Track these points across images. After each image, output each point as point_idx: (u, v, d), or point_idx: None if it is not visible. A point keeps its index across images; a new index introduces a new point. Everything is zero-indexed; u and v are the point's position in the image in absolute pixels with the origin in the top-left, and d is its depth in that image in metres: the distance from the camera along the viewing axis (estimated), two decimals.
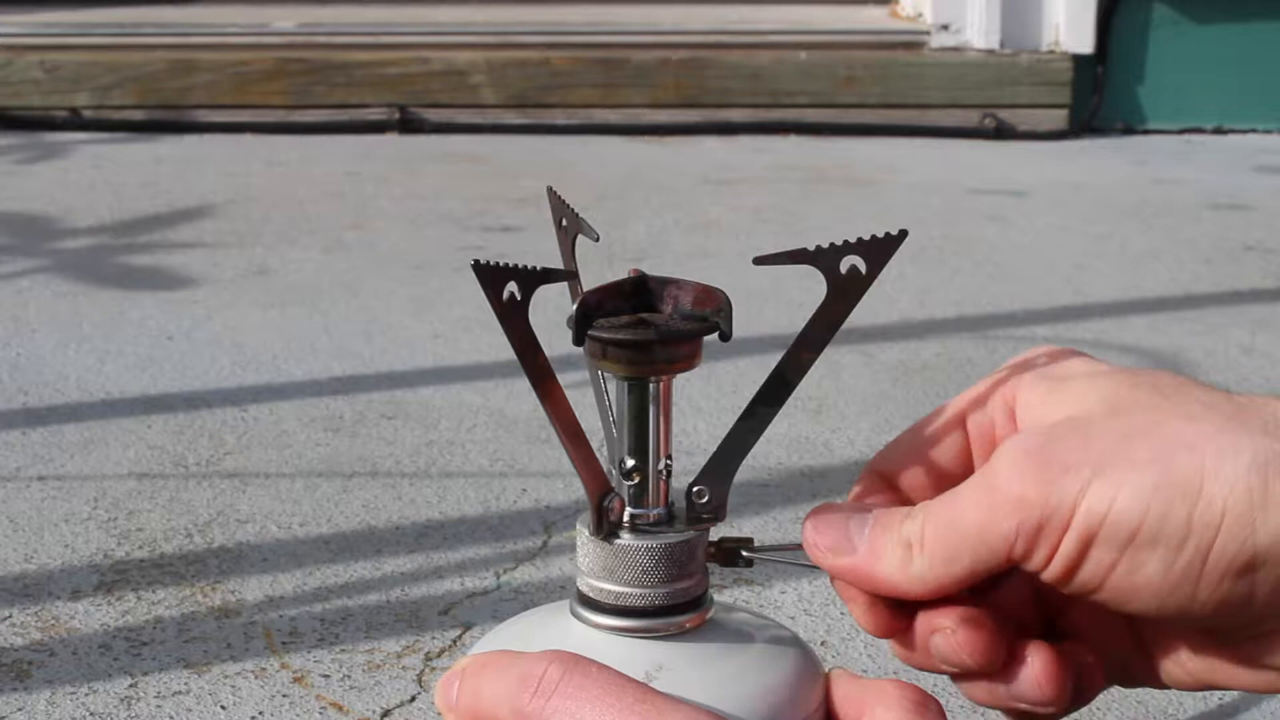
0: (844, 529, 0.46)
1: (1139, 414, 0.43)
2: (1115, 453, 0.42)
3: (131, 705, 1.25)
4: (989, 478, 0.44)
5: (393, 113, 4.04)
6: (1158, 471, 0.41)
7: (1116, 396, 0.44)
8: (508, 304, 0.43)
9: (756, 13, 4.45)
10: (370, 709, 1.25)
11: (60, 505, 1.64)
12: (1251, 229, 3.07)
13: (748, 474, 1.69)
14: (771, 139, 4.04)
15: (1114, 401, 0.44)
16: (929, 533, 0.45)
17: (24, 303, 2.41)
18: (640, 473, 0.47)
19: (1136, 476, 0.41)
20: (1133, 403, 0.43)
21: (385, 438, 1.85)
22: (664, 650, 0.45)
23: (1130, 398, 0.44)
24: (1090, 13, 4.17)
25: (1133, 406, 0.43)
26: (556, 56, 4.13)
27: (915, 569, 0.45)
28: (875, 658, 1.35)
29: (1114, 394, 0.44)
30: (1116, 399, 0.44)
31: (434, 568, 1.51)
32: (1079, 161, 3.87)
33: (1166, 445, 0.42)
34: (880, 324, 2.32)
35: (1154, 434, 0.42)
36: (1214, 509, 0.41)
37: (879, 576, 0.45)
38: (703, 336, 0.46)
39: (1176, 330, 2.34)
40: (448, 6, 4.53)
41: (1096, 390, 0.44)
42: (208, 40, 4.19)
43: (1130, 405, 0.43)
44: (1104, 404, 0.44)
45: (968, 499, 0.44)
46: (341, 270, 2.63)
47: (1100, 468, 0.42)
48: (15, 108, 4.01)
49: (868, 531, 0.46)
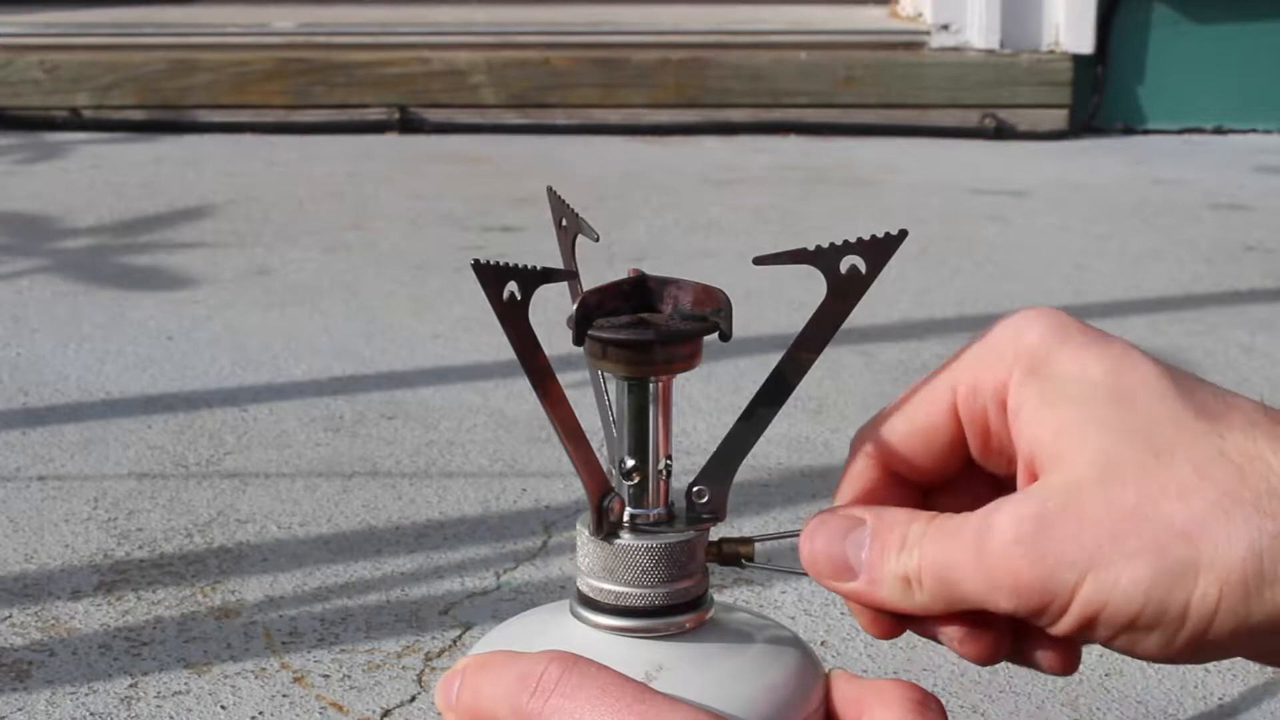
0: (840, 552, 0.46)
1: (1130, 485, 0.41)
2: (1110, 544, 0.41)
3: (131, 705, 1.25)
4: (983, 555, 0.43)
5: (393, 113, 4.04)
6: (1153, 563, 0.41)
7: (1107, 448, 0.42)
8: (508, 304, 0.43)
9: (756, 13, 4.45)
10: (370, 709, 1.25)
11: (60, 505, 1.64)
12: (1251, 229, 3.07)
13: (748, 474, 1.69)
14: (771, 139, 4.04)
15: (1105, 459, 0.42)
16: (926, 577, 0.44)
17: (24, 303, 2.41)
18: (640, 473, 0.47)
19: (1131, 570, 0.41)
20: (1123, 463, 0.42)
21: (385, 438, 1.85)
22: (664, 650, 0.45)
23: (1121, 455, 0.42)
24: (1090, 13, 4.17)
25: (1123, 470, 0.42)
26: (556, 56, 4.13)
27: (917, 600, 0.45)
28: (875, 658, 1.35)
29: (1105, 441, 0.42)
30: (1107, 454, 0.42)
31: (434, 568, 1.51)
32: (1079, 161, 3.87)
33: (1160, 534, 0.41)
34: (880, 324, 2.32)
35: (1147, 519, 0.41)
36: (1210, 597, 0.41)
37: (880, 601, 0.46)
38: (703, 336, 0.46)
39: (1176, 330, 2.34)
40: (448, 6, 4.53)
41: (1087, 422, 0.43)
42: (208, 40, 4.19)
43: (1120, 468, 0.42)
44: (1094, 463, 0.42)
45: (963, 564, 0.43)
46: (341, 270, 2.63)
47: (1094, 562, 0.41)
48: (15, 108, 4.01)
49: (865, 555, 0.46)
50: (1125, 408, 0.43)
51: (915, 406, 0.47)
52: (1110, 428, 0.42)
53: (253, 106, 4.04)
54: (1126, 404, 0.43)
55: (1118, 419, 0.43)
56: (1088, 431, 0.43)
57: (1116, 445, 0.42)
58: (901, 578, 0.45)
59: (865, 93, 4.13)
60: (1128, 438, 0.42)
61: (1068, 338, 0.45)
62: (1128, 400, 0.43)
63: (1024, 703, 1.28)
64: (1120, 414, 0.43)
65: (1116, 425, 0.42)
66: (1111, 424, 0.43)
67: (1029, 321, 0.46)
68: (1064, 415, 0.43)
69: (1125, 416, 0.43)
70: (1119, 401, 0.43)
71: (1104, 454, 0.42)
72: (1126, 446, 0.42)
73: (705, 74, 4.13)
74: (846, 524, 0.46)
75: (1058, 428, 0.43)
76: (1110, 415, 0.43)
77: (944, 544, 0.44)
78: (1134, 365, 0.44)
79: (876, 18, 4.47)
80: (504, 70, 4.10)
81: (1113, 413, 0.43)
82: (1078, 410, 0.43)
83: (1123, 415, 0.43)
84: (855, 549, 0.46)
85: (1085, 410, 0.43)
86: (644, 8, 4.52)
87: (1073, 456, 0.43)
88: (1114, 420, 0.43)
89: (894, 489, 0.48)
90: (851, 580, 0.46)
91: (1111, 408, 0.43)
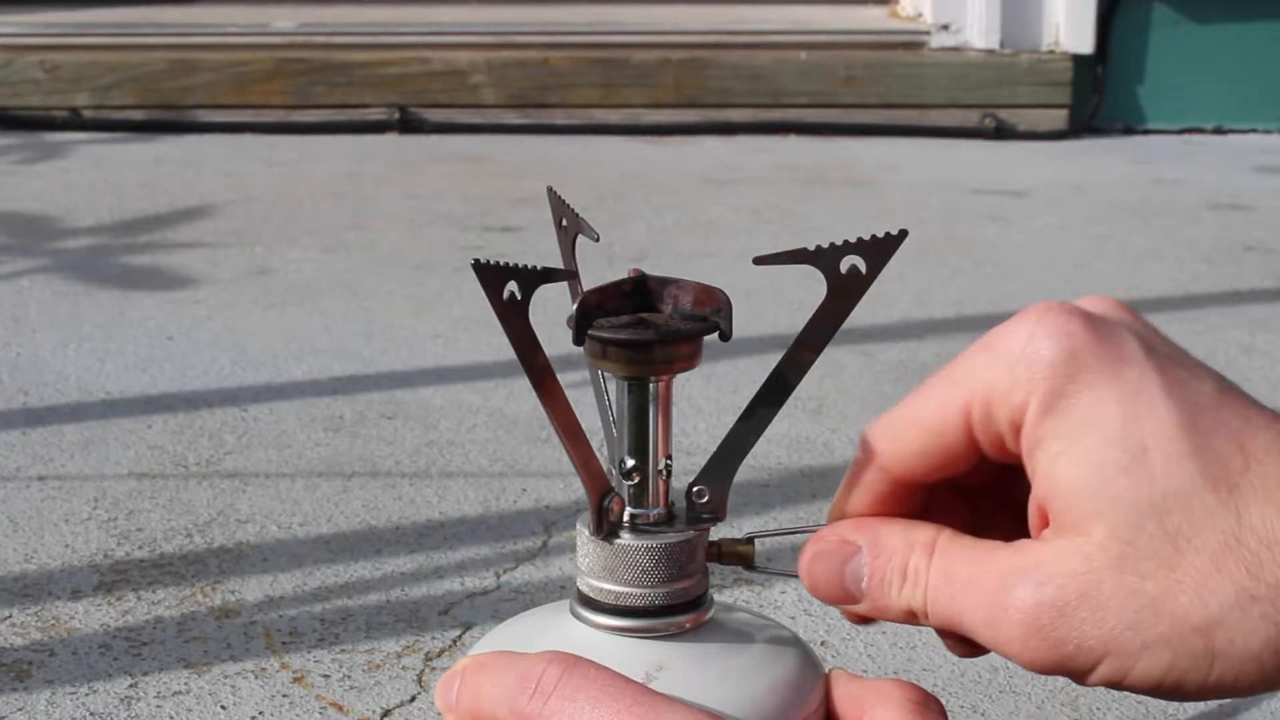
0: (840, 584, 0.46)
1: (1149, 578, 0.42)
2: (1128, 634, 0.42)
3: (131, 705, 1.25)
4: (998, 628, 0.43)
5: (393, 113, 4.04)
6: (1170, 652, 0.42)
7: (1123, 527, 0.42)
8: (508, 304, 0.43)
9: (756, 13, 4.45)
10: (370, 709, 1.25)
11: (60, 505, 1.64)
12: (1251, 229, 3.07)
13: (748, 474, 1.69)
14: (771, 139, 4.04)
15: (1122, 541, 0.42)
16: (934, 618, 0.45)
17: (24, 303, 2.41)
18: (640, 473, 0.47)
19: (1150, 657, 0.42)
20: (1141, 550, 0.42)
21: (385, 438, 1.85)
22: (664, 650, 0.45)
23: (1138, 539, 0.42)
24: (1090, 13, 4.17)
25: (1141, 559, 0.42)
26: (556, 56, 4.13)
27: (924, 623, 0.45)
28: (875, 658, 1.35)
29: (1121, 518, 0.42)
30: (1124, 535, 0.42)
31: (434, 568, 1.51)
32: (1079, 161, 3.87)
33: (1178, 627, 0.42)
34: (880, 324, 2.32)
35: (1165, 614, 0.42)
36: (1227, 678, 0.42)
37: (889, 619, 0.46)
38: (703, 336, 0.46)
39: (1176, 330, 2.34)
40: (448, 6, 4.53)
41: (1102, 489, 0.42)
42: (208, 40, 4.19)
43: (1138, 556, 0.42)
44: (1110, 544, 0.42)
45: (975, 626, 0.44)
46: (341, 270, 2.63)
47: (1112, 649, 0.42)
48: (15, 108, 4.01)
49: (866, 585, 0.46)
50: (1142, 475, 0.42)
51: (924, 412, 0.47)
52: (1125, 502, 0.42)
53: (253, 106, 4.04)
54: (1143, 469, 0.42)
55: (1133, 490, 0.42)
56: (1103, 503, 0.42)
57: (1133, 525, 0.42)
58: (906, 611, 0.45)
59: (865, 93, 4.13)
60: (1144, 516, 0.42)
61: (1081, 365, 0.43)
62: (1144, 463, 0.42)
63: (1024, 703, 1.28)
64: (1137, 483, 0.42)
65: (1132, 498, 0.42)
66: (1126, 498, 0.42)
67: (1041, 332, 0.44)
68: (1079, 474, 0.43)
69: (1142, 486, 0.42)
70: (1135, 465, 0.42)
71: (1120, 534, 0.42)
72: (1143, 529, 0.42)
73: (705, 74, 4.13)
74: (843, 552, 0.46)
75: (1072, 486, 0.43)
76: (1125, 487, 0.42)
77: (952, 595, 0.44)
78: (1150, 408, 0.43)
79: (876, 18, 4.47)
80: (504, 70, 4.09)
81: (1128, 484, 0.42)
82: (1094, 473, 0.43)
83: (1139, 484, 0.42)
84: (855, 581, 0.46)
85: (1101, 475, 0.43)
86: (644, 8, 4.52)
87: (1088, 528, 0.43)
88: (1129, 492, 0.42)
89: (899, 490, 0.48)
90: (856, 605, 0.46)
91: (1127, 477, 0.42)
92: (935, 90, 4.14)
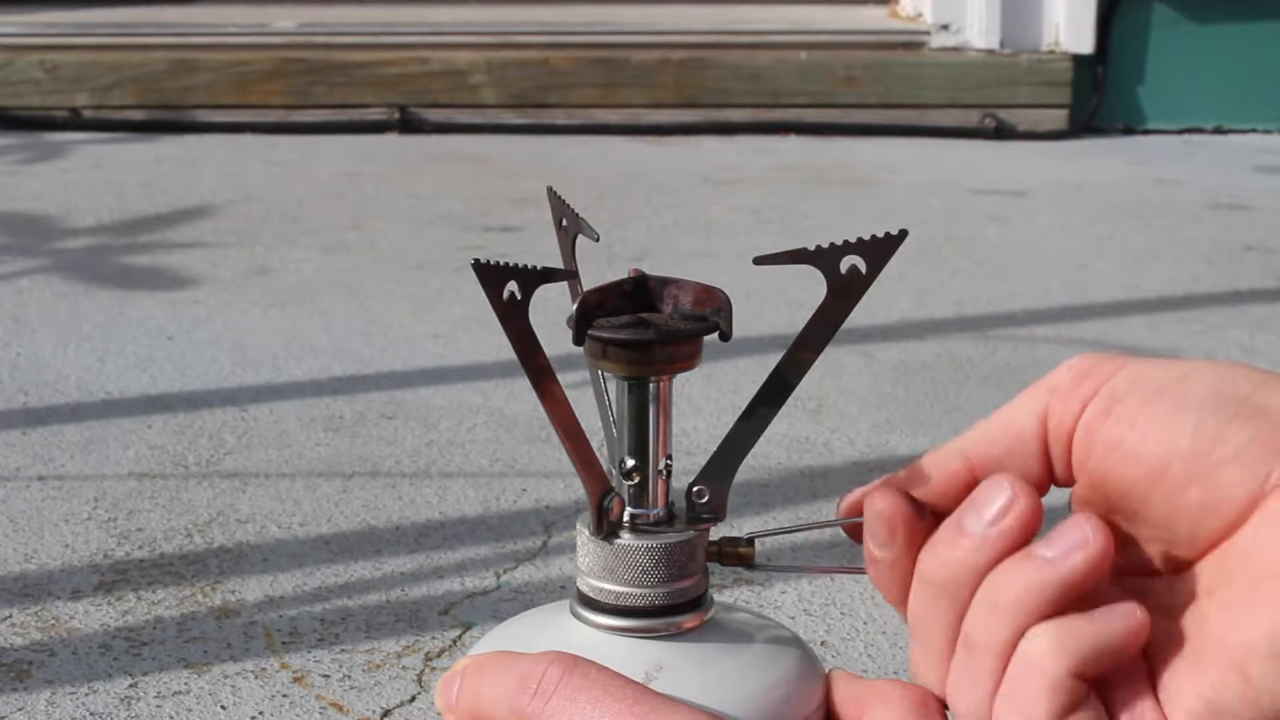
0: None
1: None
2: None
3: (131, 705, 1.25)
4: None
5: (393, 113, 4.04)
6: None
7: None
8: (508, 304, 0.43)
9: (756, 13, 4.45)
10: (370, 709, 1.25)
11: (60, 505, 1.64)
12: (1251, 229, 3.07)
13: (748, 474, 1.69)
14: (771, 139, 4.04)
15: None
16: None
17: (24, 303, 2.41)
18: (640, 473, 0.47)
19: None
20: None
21: (385, 438, 1.85)
22: (664, 650, 0.45)
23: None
24: (1090, 13, 4.17)
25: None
26: (556, 56, 4.13)
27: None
28: (875, 658, 1.35)
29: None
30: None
31: (434, 568, 1.51)
32: (1079, 161, 3.87)
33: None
34: (880, 324, 2.32)
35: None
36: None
37: None
38: (703, 336, 0.46)
39: (1176, 330, 2.34)
40: (448, 6, 4.53)
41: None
42: (208, 40, 4.19)
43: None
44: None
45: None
46: (341, 270, 2.63)
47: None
48: (15, 108, 4.01)
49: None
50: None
51: (1008, 409, 0.46)
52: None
53: (253, 106, 4.04)
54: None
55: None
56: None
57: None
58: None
59: (865, 93, 4.13)
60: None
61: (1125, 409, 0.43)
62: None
63: None
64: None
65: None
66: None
67: (1090, 380, 0.44)
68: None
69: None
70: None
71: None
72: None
73: (705, 74, 4.13)
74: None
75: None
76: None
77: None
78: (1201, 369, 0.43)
79: (876, 18, 4.48)
80: (504, 70, 4.10)
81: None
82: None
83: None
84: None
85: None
86: (644, 8, 4.52)
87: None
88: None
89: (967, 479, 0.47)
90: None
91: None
92: (935, 90, 4.14)
